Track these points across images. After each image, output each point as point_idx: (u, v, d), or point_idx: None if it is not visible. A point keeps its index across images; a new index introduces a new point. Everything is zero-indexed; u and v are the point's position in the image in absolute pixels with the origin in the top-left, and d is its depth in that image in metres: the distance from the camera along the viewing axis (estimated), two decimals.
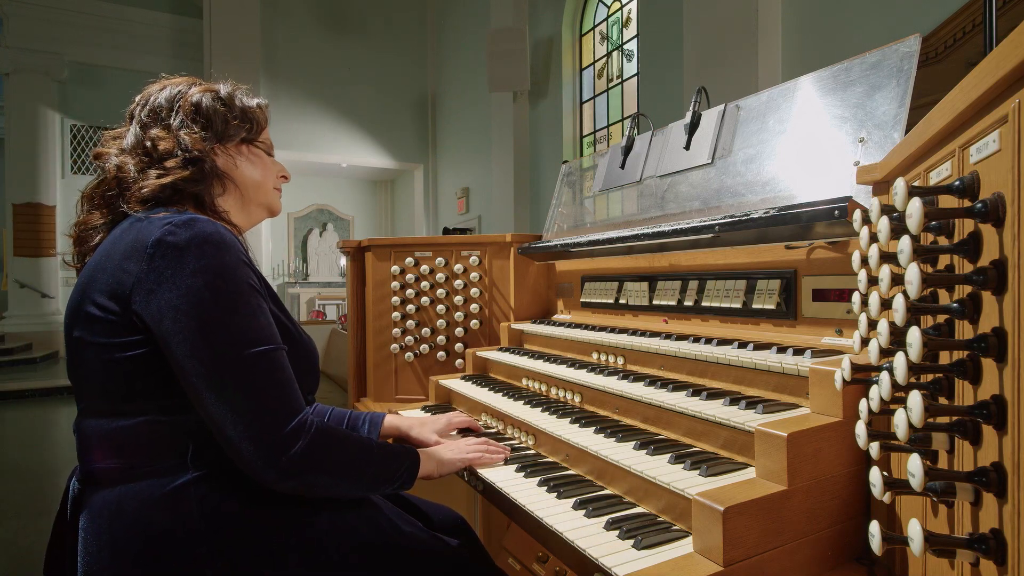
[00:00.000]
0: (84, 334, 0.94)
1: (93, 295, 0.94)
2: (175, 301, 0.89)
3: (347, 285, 2.56)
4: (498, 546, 1.72)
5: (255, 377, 0.92)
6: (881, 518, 0.87)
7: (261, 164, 1.19)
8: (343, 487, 1.03)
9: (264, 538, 0.95)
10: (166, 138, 1.06)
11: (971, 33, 2.95)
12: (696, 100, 1.72)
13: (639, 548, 0.92)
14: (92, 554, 0.92)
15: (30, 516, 3.37)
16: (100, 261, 0.97)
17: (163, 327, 0.90)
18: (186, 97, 1.11)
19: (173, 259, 0.90)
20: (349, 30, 10.27)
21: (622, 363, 1.59)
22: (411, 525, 1.14)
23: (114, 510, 0.92)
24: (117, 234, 0.99)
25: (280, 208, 1.26)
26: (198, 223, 0.94)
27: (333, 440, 0.99)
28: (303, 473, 0.94)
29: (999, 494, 0.53)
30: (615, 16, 6.88)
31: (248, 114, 1.16)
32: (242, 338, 0.92)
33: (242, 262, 0.96)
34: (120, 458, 0.94)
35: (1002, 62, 0.50)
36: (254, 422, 0.90)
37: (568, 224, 2.23)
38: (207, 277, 0.91)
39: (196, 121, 1.09)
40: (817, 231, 1.20)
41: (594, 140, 7.31)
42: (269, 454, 0.91)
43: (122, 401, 0.94)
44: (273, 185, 1.22)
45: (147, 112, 1.10)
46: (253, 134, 1.18)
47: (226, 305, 0.92)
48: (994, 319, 0.54)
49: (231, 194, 1.14)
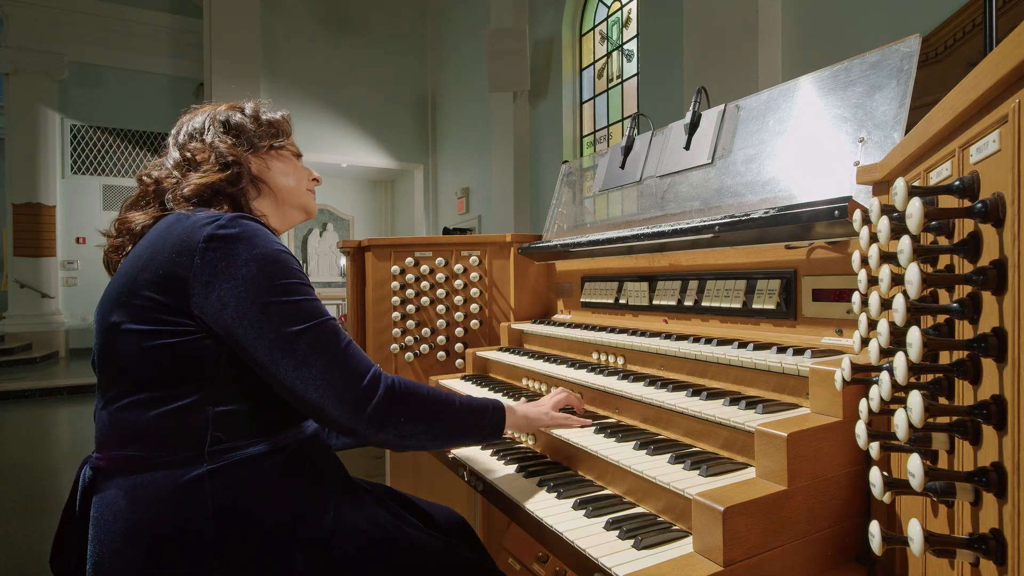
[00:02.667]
0: (124, 320, 0.97)
1: (140, 285, 0.97)
2: (234, 290, 0.95)
3: (347, 285, 2.56)
4: (498, 546, 1.72)
5: (322, 344, 0.99)
6: (881, 518, 0.88)
7: (292, 167, 1.27)
8: (432, 435, 1.10)
9: (272, 535, 0.96)
10: (203, 149, 1.15)
11: (971, 33, 2.95)
12: (696, 100, 1.72)
13: (639, 548, 0.92)
14: (104, 542, 0.93)
15: (30, 516, 3.37)
16: (147, 253, 1.00)
17: (225, 315, 0.95)
18: (215, 116, 1.20)
19: (225, 252, 0.96)
20: (349, 30, 10.27)
21: (622, 363, 1.59)
22: (413, 526, 1.16)
23: (128, 499, 0.93)
24: (163, 228, 1.03)
25: (315, 209, 1.35)
26: (243, 219, 1.01)
27: (411, 387, 1.07)
28: (390, 419, 1.02)
29: (999, 494, 0.53)
30: (615, 16, 6.88)
31: (273, 124, 1.26)
32: (302, 313, 0.99)
33: (285, 251, 1.04)
34: (139, 447, 0.96)
35: (1002, 62, 0.50)
36: (333, 383, 0.97)
37: (568, 224, 2.23)
38: (260, 264, 0.97)
39: (227, 133, 1.19)
40: (817, 231, 1.20)
41: (594, 140, 7.30)
42: (354, 408, 0.98)
43: (152, 387, 0.96)
44: (306, 187, 1.31)
45: (183, 135, 1.19)
46: (280, 141, 1.26)
47: (281, 286, 0.98)
48: (994, 319, 0.54)
49: (266, 197, 1.21)
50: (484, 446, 1.48)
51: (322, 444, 1.13)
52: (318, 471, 1.08)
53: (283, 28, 9.66)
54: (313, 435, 1.11)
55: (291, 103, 9.72)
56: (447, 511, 1.41)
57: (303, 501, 1.01)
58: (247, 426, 1.00)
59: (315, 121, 10.00)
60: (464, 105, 9.66)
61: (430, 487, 2.46)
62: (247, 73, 8.29)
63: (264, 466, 0.99)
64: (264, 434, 1.01)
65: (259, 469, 0.98)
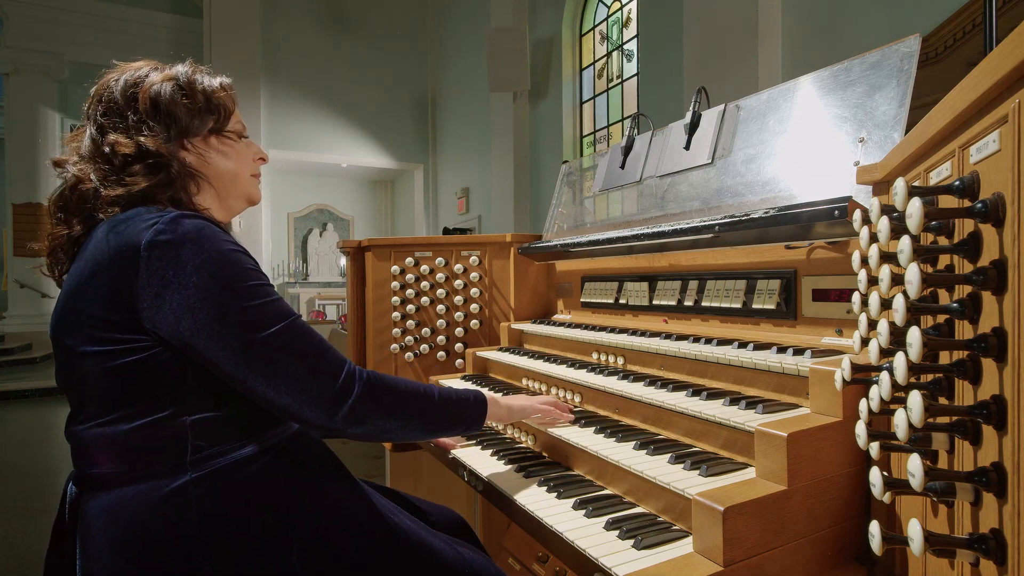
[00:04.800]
0: (77, 342, 0.92)
1: (85, 303, 0.92)
2: (187, 301, 0.89)
3: (347, 285, 2.56)
4: (498, 546, 1.72)
5: (290, 347, 0.94)
6: (881, 518, 0.88)
7: (235, 154, 1.12)
8: (410, 428, 1.07)
9: (264, 537, 0.94)
10: (125, 143, 0.99)
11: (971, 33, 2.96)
12: (696, 100, 1.72)
13: (639, 548, 0.92)
14: (91, 557, 0.92)
15: (30, 516, 3.37)
16: (87, 268, 0.93)
17: (182, 328, 0.89)
18: (143, 90, 1.01)
19: (171, 260, 0.89)
20: (349, 30, 10.27)
21: (622, 363, 1.59)
22: (413, 523, 1.15)
23: (112, 513, 0.91)
24: (100, 238, 0.95)
25: (260, 196, 1.20)
26: (185, 220, 0.92)
27: (387, 382, 1.03)
28: (367, 417, 0.99)
29: (999, 494, 0.53)
30: (615, 16, 6.88)
31: (213, 101, 1.08)
32: (264, 317, 0.93)
33: (236, 249, 0.96)
34: (118, 462, 0.92)
35: (1002, 62, 0.50)
36: (306, 387, 0.93)
37: (568, 224, 2.23)
38: (211, 270, 0.90)
39: (156, 119, 1.02)
40: (817, 231, 1.20)
41: (594, 140, 7.31)
42: (330, 409, 0.95)
43: (121, 406, 0.92)
44: (250, 172, 1.16)
45: (102, 110, 1.02)
46: (221, 122, 1.09)
47: (237, 292, 0.92)
48: (994, 319, 0.54)
49: (206, 191, 1.08)
50: (484, 447, 1.48)
51: (312, 438, 1.11)
52: (310, 467, 1.05)
53: (283, 28, 9.67)
54: (300, 431, 1.08)
55: (291, 103, 9.74)
56: (447, 511, 1.41)
57: (296, 500, 0.99)
58: (228, 430, 0.96)
59: (315, 121, 10.00)
60: (464, 105, 9.66)
61: (430, 487, 2.46)
62: (247, 73, 8.29)
63: (251, 470, 0.96)
64: (248, 436, 0.98)
65: (246, 473, 0.95)
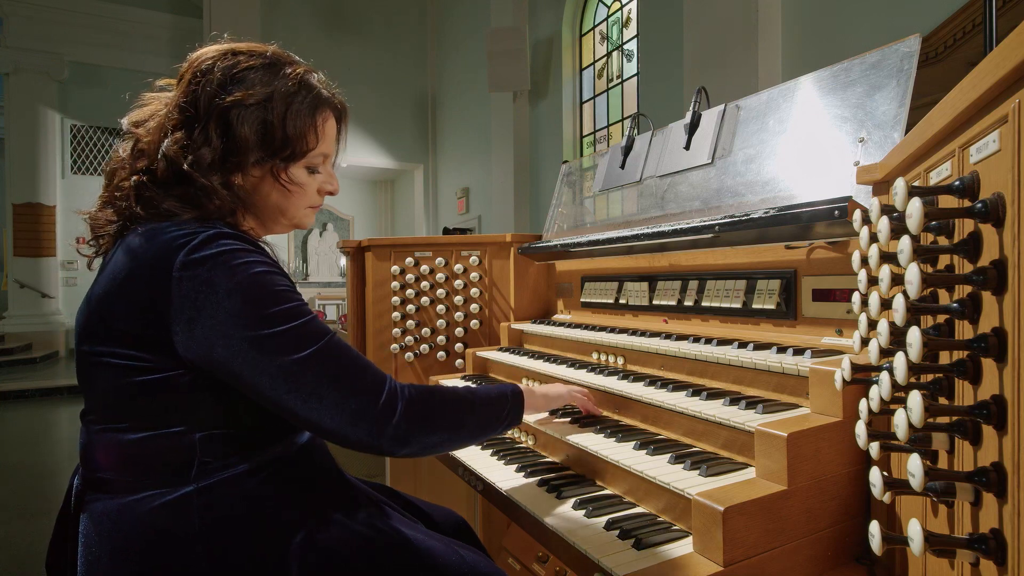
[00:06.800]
0: (100, 351, 0.92)
1: (115, 318, 0.91)
2: (221, 327, 0.87)
3: (347, 285, 2.56)
4: (498, 546, 1.72)
5: (327, 369, 0.91)
6: (881, 518, 0.88)
7: (297, 189, 1.07)
8: (456, 439, 1.05)
9: (265, 546, 0.94)
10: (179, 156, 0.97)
11: (971, 33, 2.95)
12: (696, 100, 1.72)
13: (639, 548, 0.92)
14: (92, 560, 0.92)
15: (30, 516, 3.37)
16: (117, 278, 0.92)
17: (216, 355, 0.88)
18: (242, 101, 0.98)
19: (204, 283, 0.87)
20: (349, 30, 10.27)
21: (622, 363, 1.59)
22: (413, 528, 1.14)
23: (114, 520, 0.91)
24: (134, 247, 0.93)
25: (311, 223, 1.16)
26: (220, 240, 0.91)
27: (429, 397, 1.00)
28: (412, 436, 0.96)
29: (999, 494, 0.53)
30: (615, 16, 6.88)
31: (302, 126, 1.03)
32: (301, 339, 0.90)
33: (271, 270, 0.94)
34: (123, 469, 0.93)
35: (1002, 62, 0.50)
36: (347, 409, 0.91)
37: (568, 224, 2.23)
38: (244, 294, 0.88)
39: (235, 143, 0.98)
40: (817, 231, 1.20)
41: (594, 140, 7.31)
42: (373, 431, 0.92)
43: (132, 416, 0.92)
44: (308, 204, 1.11)
45: (188, 94, 1.00)
46: (298, 157, 1.05)
47: (271, 316, 0.89)
48: (994, 319, 0.54)
49: (252, 214, 1.07)
50: (483, 446, 1.48)
51: (317, 452, 1.10)
52: (312, 477, 1.05)
53: (283, 28, 9.66)
54: (307, 445, 1.08)
55: None
56: (447, 512, 1.41)
57: (296, 510, 0.99)
58: (236, 445, 0.96)
59: None
60: (464, 105, 9.66)
61: (430, 487, 2.46)
62: None
63: (254, 481, 0.96)
64: (254, 450, 0.98)
65: (249, 484, 0.95)
